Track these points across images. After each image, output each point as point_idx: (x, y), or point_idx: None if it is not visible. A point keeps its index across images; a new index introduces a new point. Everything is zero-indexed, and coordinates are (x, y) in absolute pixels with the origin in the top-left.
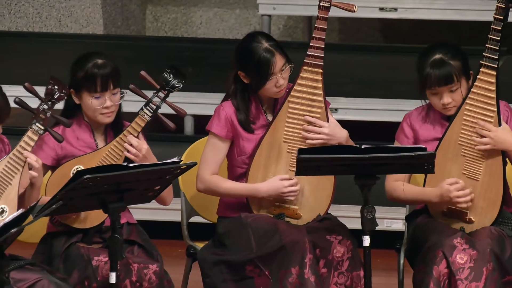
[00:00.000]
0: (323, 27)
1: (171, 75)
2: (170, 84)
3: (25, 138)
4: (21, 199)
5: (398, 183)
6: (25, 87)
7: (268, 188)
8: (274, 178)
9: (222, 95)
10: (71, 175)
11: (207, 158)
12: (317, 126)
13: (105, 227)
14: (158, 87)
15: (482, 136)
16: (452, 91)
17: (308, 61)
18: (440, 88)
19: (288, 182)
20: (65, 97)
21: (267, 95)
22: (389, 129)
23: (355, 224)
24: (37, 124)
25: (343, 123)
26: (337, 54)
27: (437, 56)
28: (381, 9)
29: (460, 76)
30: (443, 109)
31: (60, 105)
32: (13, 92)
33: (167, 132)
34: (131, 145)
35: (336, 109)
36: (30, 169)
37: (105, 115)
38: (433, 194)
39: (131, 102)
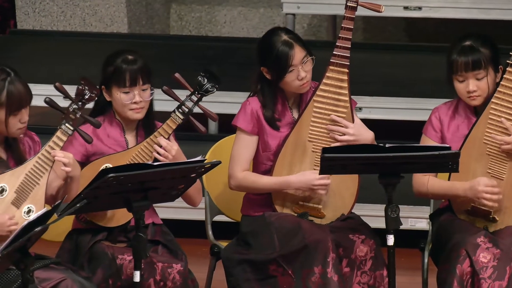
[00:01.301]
0: (350, 27)
1: (205, 79)
2: (203, 88)
3: (54, 138)
4: (57, 194)
5: (425, 178)
6: (55, 87)
7: (300, 180)
8: (306, 171)
9: (246, 94)
10: None
11: (237, 155)
12: (342, 126)
13: (130, 226)
14: (192, 90)
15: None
16: (478, 79)
17: (334, 60)
18: (467, 73)
19: (320, 175)
20: (96, 98)
21: (291, 90)
22: (414, 128)
23: (379, 223)
24: (66, 124)
25: (367, 122)
26: (361, 53)
27: (467, 42)
28: (406, 8)
29: (487, 64)
30: (467, 98)
31: (90, 105)
32: (40, 91)
33: (192, 131)
34: (160, 146)
35: (360, 108)
36: (62, 165)
37: (135, 111)
38: (461, 188)
39: (163, 101)
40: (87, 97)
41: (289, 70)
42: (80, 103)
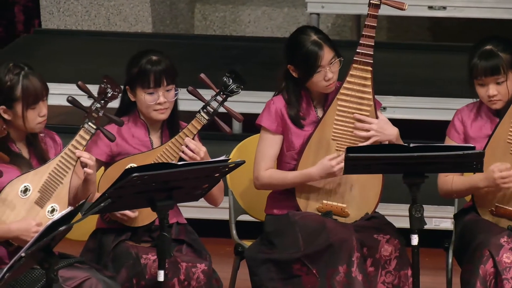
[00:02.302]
0: (373, 25)
1: (231, 80)
2: (229, 88)
3: (77, 137)
4: (75, 195)
5: (449, 177)
6: (78, 86)
7: (319, 170)
8: (323, 159)
9: (270, 94)
10: None
11: (261, 154)
12: (367, 123)
13: (155, 226)
14: (217, 90)
15: None
16: (499, 83)
17: (358, 58)
18: (486, 78)
19: (336, 159)
20: (118, 97)
21: (316, 90)
22: (438, 128)
23: (403, 223)
24: (89, 123)
25: (392, 122)
26: (385, 52)
27: (488, 47)
28: (430, 7)
29: (508, 69)
30: (488, 102)
31: (113, 104)
32: (64, 90)
33: (216, 131)
34: (189, 148)
35: (384, 108)
36: (84, 166)
37: (159, 111)
38: (478, 177)
39: (188, 101)
40: (109, 95)
41: (317, 70)
42: (102, 101)
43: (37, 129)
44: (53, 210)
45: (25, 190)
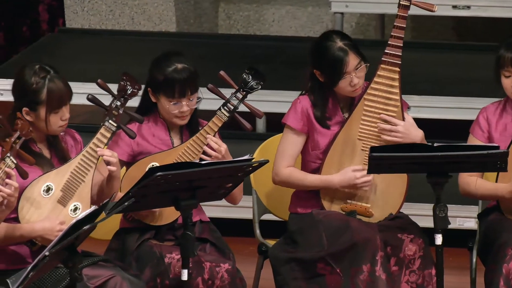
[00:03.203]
0: (402, 25)
1: (250, 76)
2: (248, 85)
3: (98, 135)
4: (100, 193)
5: (471, 178)
6: (98, 84)
7: (341, 179)
8: (346, 169)
9: (294, 93)
10: None
11: (283, 151)
12: (393, 124)
13: (178, 224)
14: (237, 87)
15: None
16: None
17: (386, 59)
18: None
19: (360, 173)
20: (138, 94)
21: (342, 94)
22: (462, 127)
23: (427, 222)
24: (109, 121)
25: (416, 121)
26: (410, 52)
27: None
28: (454, 7)
29: None
30: None
31: (133, 102)
32: (87, 89)
33: (239, 130)
34: (211, 147)
35: (408, 107)
36: (108, 164)
37: (180, 118)
38: (505, 190)
39: (208, 100)
40: (129, 92)
41: (343, 77)
42: (122, 99)
43: (58, 132)
44: (75, 209)
45: (48, 189)
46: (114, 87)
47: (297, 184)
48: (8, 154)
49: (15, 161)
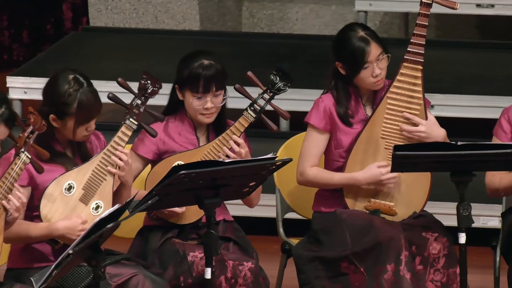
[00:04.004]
0: (425, 23)
1: (278, 78)
2: (276, 86)
3: (119, 133)
4: (116, 195)
5: (496, 177)
6: (118, 82)
7: (366, 176)
8: (371, 165)
9: (318, 91)
10: None
11: (307, 150)
12: (415, 123)
13: (202, 223)
14: (264, 88)
15: None
16: None
17: (408, 57)
18: None
19: (385, 169)
20: (158, 92)
21: (365, 86)
22: (486, 126)
23: (451, 221)
24: (130, 119)
25: (439, 120)
26: (433, 50)
27: None
28: (478, 5)
29: None
30: None
31: (154, 100)
32: (110, 88)
33: (263, 128)
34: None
35: (432, 106)
36: (118, 167)
37: (205, 116)
38: None
39: (234, 99)
40: (149, 91)
41: (364, 66)
42: (143, 97)
43: (81, 139)
44: (97, 207)
45: (69, 188)
46: (136, 86)
47: (323, 184)
48: (23, 149)
49: (29, 156)
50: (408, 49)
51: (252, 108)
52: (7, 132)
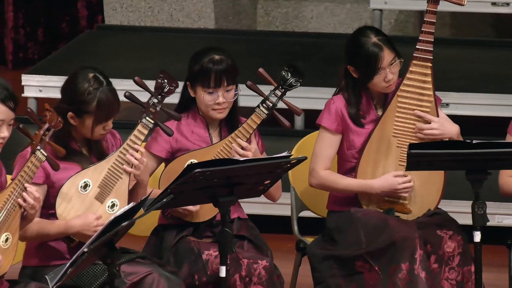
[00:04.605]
0: (432, 20)
1: (289, 74)
2: (287, 82)
3: (135, 132)
4: (132, 194)
5: (511, 178)
6: (135, 81)
7: (382, 184)
8: (388, 174)
9: (332, 90)
10: None
11: (319, 152)
12: (427, 121)
13: (216, 221)
14: (276, 85)
15: None
16: None
17: (417, 55)
18: None
19: (403, 178)
20: (175, 91)
21: (376, 90)
22: (501, 124)
23: (466, 219)
24: (147, 118)
25: (454, 118)
26: (448, 48)
27: None
28: (493, 3)
29: None
30: None
31: (170, 99)
32: (125, 86)
33: (278, 127)
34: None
35: (447, 104)
36: (133, 166)
37: (217, 111)
38: None
39: (247, 97)
40: (166, 90)
41: (377, 72)
42: (159, 96)
43: (98, 138)
44: (113, 205)
45: (85, 186)
46: (152, 84)
47: (335, 188)
48: (38, 147)
49: (45, 154)
50: (416, 46)
51: (264, 104)
52: (9, 113)
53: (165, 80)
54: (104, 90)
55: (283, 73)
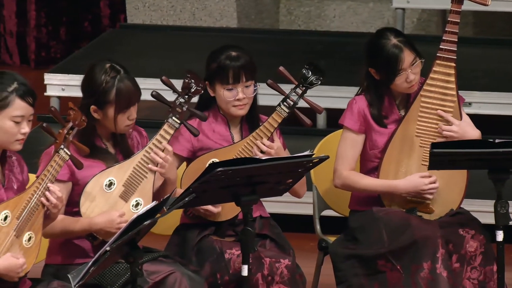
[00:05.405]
0: (456, 20)
1: (310, 72)
2: (308, 80)
3: (161, 131)
4: (158, 192)
5: None
6: (162, 81)
7: (407, 185)
8: (413, 175)
9: (355, 89)
10: None
11: (343, 153)
12: (449, 123)
13: (238, 220)
14: (296, 83)
15: None
16: None
17: (441, 54)
18: None
19: (429, 179)
20: (202, 91)
21: (399, 91)
22: None
23: (488, 219)
24: (173, 117)
25: (477, 117)
26: (471, 47)
27: None
28: None
29: None
30: None
31: (196, 99)
32: (149, 85)
33: (300, 126)
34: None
35: (470, 103)
36: (157, 165)
37: (238, 107)
38: None
39: (268, 96)
40: (193, 90)
41: (399, 74)
42: (186, 96)
43: (124, 130)
44: (137, 204)
45: (110, 184)
46: (175, 83)
47: (359, 188)
48: (62, 146)
49: (69, 153)
50: (440, 46)
51: (285, 103)
52: (29, 108)
53: (192, 80)
54: (121, 78)
55: (304, 71)
